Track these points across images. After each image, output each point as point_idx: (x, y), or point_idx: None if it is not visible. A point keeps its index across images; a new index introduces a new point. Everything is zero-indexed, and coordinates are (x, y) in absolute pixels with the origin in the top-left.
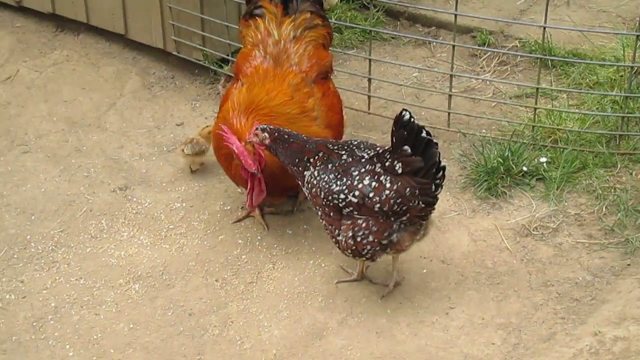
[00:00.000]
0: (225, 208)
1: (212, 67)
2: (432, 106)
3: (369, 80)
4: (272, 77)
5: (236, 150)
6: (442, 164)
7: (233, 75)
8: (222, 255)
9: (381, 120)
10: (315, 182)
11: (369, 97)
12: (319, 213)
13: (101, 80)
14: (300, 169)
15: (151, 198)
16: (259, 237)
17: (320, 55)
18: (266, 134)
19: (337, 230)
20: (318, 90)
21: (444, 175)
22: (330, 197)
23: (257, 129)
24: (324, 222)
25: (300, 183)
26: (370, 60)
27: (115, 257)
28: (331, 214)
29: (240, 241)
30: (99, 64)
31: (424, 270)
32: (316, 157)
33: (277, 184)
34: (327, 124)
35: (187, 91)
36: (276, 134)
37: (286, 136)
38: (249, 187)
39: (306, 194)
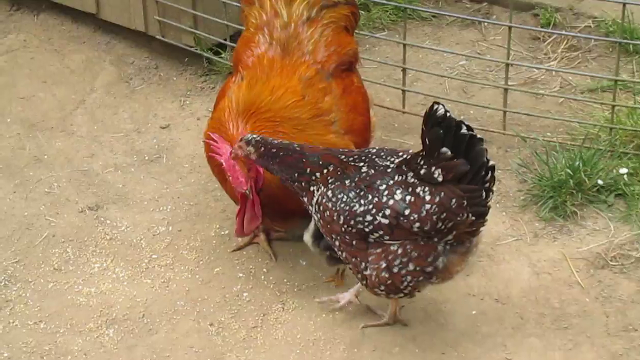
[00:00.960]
0: (222, 233)
1: (205, 54)
2: (483, 103)
3: (404, 70)
4: (279, 69)
5: (224, 164)
6: (491, 162)
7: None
8: (218, 292)
9: (419, 121)
10: (329, 204)
11: (404, 91)
12: (336, 243)
13: (67, 71)
14: (303, 184)
15: (129, 220)
16: (264, 270)
17: (342, 40)
18: (251, 148)
19: (363, 263)
20: (337, 86)
21: (494, 178)
22: (352, 222)
23: (241, 140)
24: (344, 254)
25: (305, 202)
26: (405, 45)
27: (84, 295)
28: (354, 242)
29: (241, 275)
30: (63, 51)
31: (473, 312)
32: (325, 172)
33: (280, 207)
34: (347, 128)
35: (174, 85)
36: (262, 148)
37: (274, 150)
38: (238, 209)
39: (315, 218)
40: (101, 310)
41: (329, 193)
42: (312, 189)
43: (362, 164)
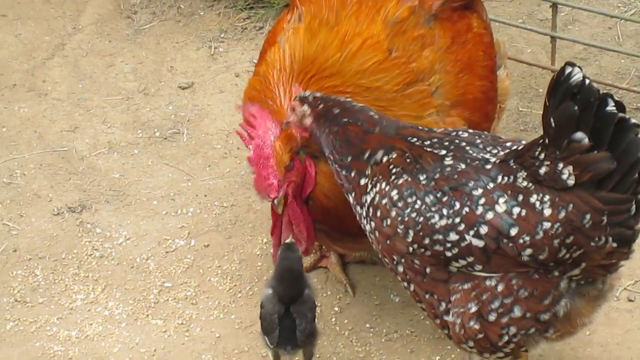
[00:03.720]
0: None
1: None
2: None
3: (554, 6)
4: (355, 6)
5: (251, 152)
6: None
7: None
8: (264, 342)
9: None
10: (392, 209)
11: (554, 39)
12: (399, 268)
13: (38, 1)
14: (353, 174)
15: (130, 229)
16: (336, 309)
17: None
18: (306, 108)
19: (442, 303)
20: (444, 33)
21: None
22: (428, 240)
23: (296, 98)
24: (412, 286)
25: (352, 202)
26: None
27: (60, 342)
28: (427, 269)
29: None
30: None
31: None
32: (389, 158)
33: (341, 222)
34: (457, 99)
35: (200, 23)
36: (321, 105)
37: (337, 111)
38: (272, 224)
39: (366, 229)
40: None
41: (393, 192)
42: (363, 182)
43: (444, 151)
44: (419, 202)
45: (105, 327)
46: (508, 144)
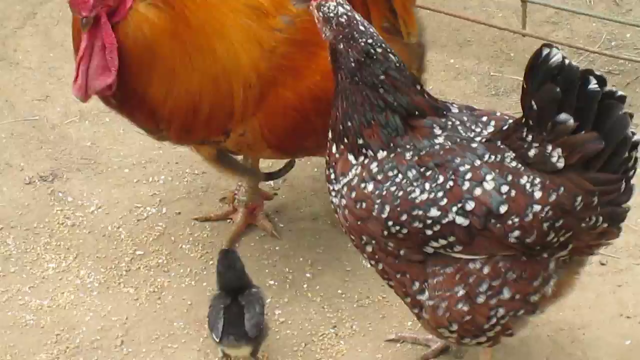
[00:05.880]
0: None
1: None
2: None
3: None
4: None
5: None
6: (636, 137)
7: None
8: None
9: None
10: (369, 185)
11: (524, 2)
12: (368, 249)
13: None
14: (349, 139)
15: (101, 197)
16: (308, 275)
17: None
18: (328, 32)
19: (415, 282)
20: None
21: (637, 160)
22: (405, 216)
23: (319, 5)
24: (380, 265)
25: (328, 175)
26: None
27: (32, 310)
28: (401, 252)
29: (272, 282)
30: None
31: (627, 342)
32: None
33: (169, 79)
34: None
35: None
36: (346, 29)
37: (355, 33)
38: (81, 50)
39: (334, 203)
40: (58, 334)
41: (373, 167)
42: (350, 157)
43: (440, 131)
44: (400, 176)
45: (77, 296)
46: (484, 119)
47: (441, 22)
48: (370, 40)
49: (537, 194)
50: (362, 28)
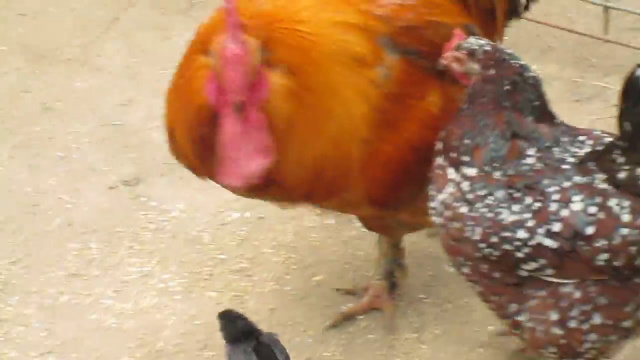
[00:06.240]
0: (327, 222)
1: None
2: None
3: None
4: None
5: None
6: None
7: None
8: (318, 313)
9: (630, 54)
10: (462, 206)
11: (607, 8)
12: (465, 271)
13: None
14: (450, 155)
15: (185, 201)
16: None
17: None
18: (475, 64)
19: (512, 305)
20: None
21: None
22: (495, 238)
23: (459, 45)
24: (477, 287)
25: (433, 193)
26: None
27: (114, 315)
28: (495, 274)
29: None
30: None
31: None
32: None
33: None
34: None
35: None
36: (496, 54)
37: (505, 56)
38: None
39: (436, 222)
40: (141, 337)
41: (464, 185)
42: (449, 170)
43: (531, 149)
44: (490, 197)
45: (160, 300)
46: (584, 140)
47: (522, 28)
48: (520, 63)
49: (625, 217)
50: (508, 51)
